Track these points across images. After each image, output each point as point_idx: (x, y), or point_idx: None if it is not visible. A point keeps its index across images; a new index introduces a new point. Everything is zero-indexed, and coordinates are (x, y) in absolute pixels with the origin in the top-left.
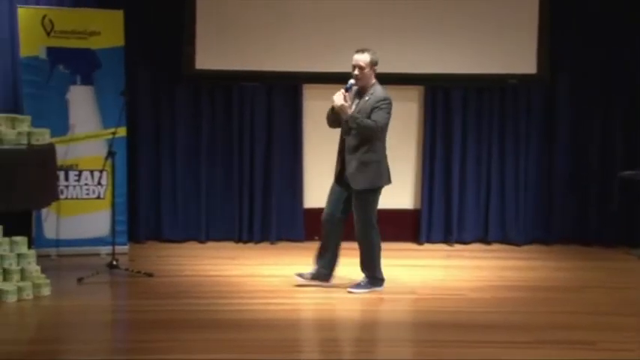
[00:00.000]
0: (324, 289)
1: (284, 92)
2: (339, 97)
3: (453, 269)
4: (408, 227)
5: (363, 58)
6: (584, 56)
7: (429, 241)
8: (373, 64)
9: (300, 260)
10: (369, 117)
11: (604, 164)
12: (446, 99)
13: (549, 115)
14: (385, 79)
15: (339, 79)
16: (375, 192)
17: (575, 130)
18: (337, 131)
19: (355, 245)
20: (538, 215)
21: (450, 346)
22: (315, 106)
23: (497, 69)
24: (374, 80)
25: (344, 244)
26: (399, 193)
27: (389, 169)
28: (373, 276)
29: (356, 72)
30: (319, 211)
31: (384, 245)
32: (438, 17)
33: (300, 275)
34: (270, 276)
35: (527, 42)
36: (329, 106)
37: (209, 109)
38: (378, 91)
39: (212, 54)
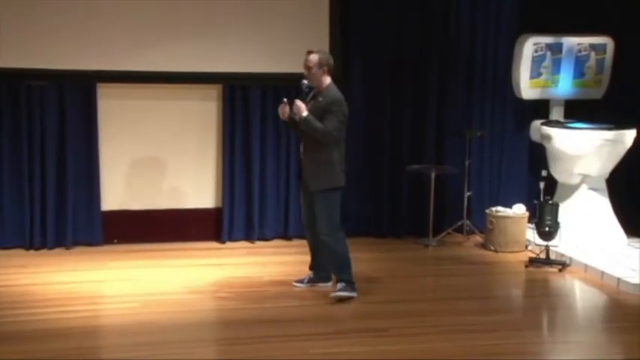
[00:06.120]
0: (129, 293)
1: (76, 91)
2: (297, 103)
3: (255, 266)
4: (209, 226)
5: (311, 58)
6: (375, 56)
7: (231, 239)
8: (322, 64)
9: (99, 265)
10: (320, 119)
11: (393, 160)
12: (244, 97)
13: None
14: (182, 78)
15: (134, 78)
16: (331, 192)
17: (366, 128)
18: (134, 132)
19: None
20: None
21: (253, 342)
22: (111, 105)
23: (292, 69)
24: (328, 81)
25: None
26: (201, 193)
27: (343, 170)
28: (349, 280)
29: (304, 72)
30: (118, 213)
31: (185, 245)
32: (233, 17)
33: (300, 282)
34: (67, 283)
35: (320, 43)
36: (125, 105)
37: None
38: (331, 92)
39: None
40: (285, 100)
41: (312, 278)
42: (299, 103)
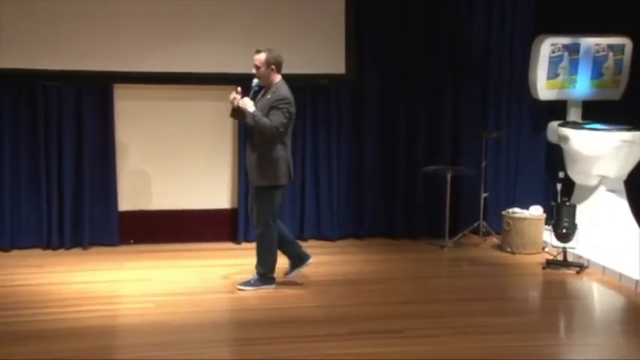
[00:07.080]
0: (145, 293)
1: (93, 92)
2: (245, 99)
3: None
4: (225, 227)
5: (258, 57)
6: (390, 57)
7: (247, 240)
8: (270, 63)
9: (116, 265)
10: (266, 115)
11: (409, 161)
12: None
13: (358, 115)
14: (198, 79)
15: (151, 79)
16: (273, 189)
17: (381, 129)
18: (150, 133)
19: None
20: (350, 211)
21: (267, 343)
22: (128, 106)
23: (308, 70)
24: (278, 79)
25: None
26: (217, 193)
27: (289, 167)
28: (263, 274)
29: (254, 71)
30: (134, 214)
31: (201, 246)
32: (248, 18)
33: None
34: (83, 282)
35: (336, 44)
36: (141, 106)
37: (11, 111)
38: (280, 90)
39: (11, 52)
40: (238, 89)
41: (292, 266)
42: (247, 99)
